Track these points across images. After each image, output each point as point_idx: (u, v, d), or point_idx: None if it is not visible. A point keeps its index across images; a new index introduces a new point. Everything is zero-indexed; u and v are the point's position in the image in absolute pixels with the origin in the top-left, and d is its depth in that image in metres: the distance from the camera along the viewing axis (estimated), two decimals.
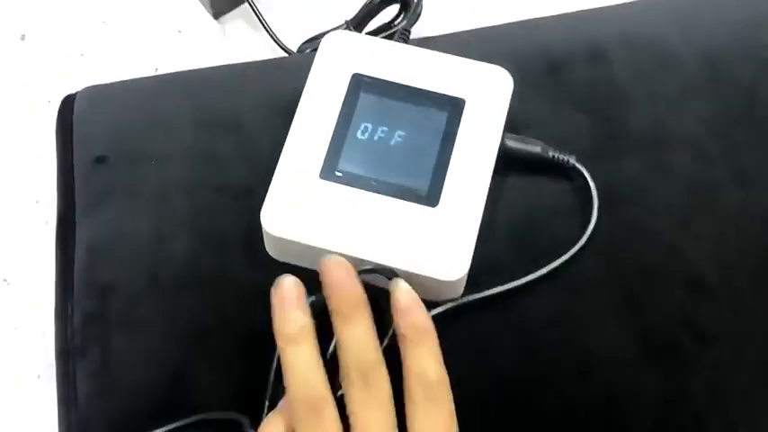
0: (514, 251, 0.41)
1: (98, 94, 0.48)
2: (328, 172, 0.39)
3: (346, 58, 0.42)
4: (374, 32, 0.56)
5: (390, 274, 0.36)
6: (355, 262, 0.37)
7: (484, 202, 0.39)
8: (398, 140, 0.40)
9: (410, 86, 0.41)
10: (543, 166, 0.42)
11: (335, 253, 0.37)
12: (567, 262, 0.40)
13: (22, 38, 0.59)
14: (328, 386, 0.32)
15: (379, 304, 0.34)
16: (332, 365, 0.32)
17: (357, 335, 0.32)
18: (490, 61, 0.46)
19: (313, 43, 0.56)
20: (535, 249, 0.41)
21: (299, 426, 0.31)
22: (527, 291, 0.39)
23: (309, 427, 0.31)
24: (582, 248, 0.40)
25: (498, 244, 0.41)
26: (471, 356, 0.38)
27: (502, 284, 0.39)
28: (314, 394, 0.31)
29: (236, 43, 0.59)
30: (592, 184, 0.41)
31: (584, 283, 0.40)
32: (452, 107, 0.40)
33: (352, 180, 0.39)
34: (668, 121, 0.45)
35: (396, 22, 0.56)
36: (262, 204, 0.39)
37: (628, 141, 0.44)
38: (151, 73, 0.58)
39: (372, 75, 0.41)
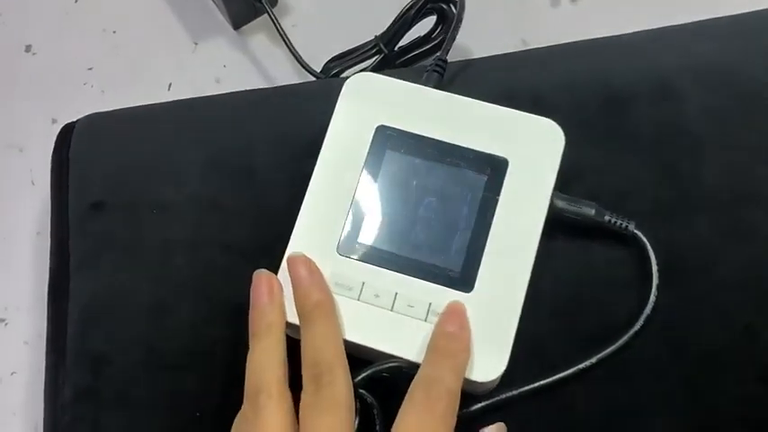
0: (559, 330, 0.37)
1: (99, 124, 0.45)
2: (347, 247, 0.35)
3: (371, 106, 0.37)
4: (409, 48, 0.51)
5: (415, 370, 0.32)
6: (375, 355, 0.33)
7: (526, 287, 0.34)
8: (429, 209, 0.35)
9: (444, 142, 0.36)
10: (597, 231, 0.37)
11: (354, 343, 0.33)
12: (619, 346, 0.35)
13: (28, 49, 0.56)
14: (279, 380, 0.31)
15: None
16: None
17: (313, 337, 0.32)
18: (540, 90, 0.41)
19: (339, 62, 0.51)
20: (583, 329, 0.36)
21: (244, 415, 0.31)
22: (572, 379, 0.35)
23: (248, 418, 0.31)
24: (638, 330, 0.35)
25: (541, 321, 0.36)
26: None
27: (544, 375, 0.35)
28: (258, 384, 0.31)
29: (257, 57, 0.54)
30: (652, 257, 0.36)
31: (637, 371, 0.36)
32: (493, 168, 0.35)
33: (373, 257, 0.34)
34: (748, 174, 0.39)
35: (434, 35, 0.51)
36: (276, 266, 0.35)
37: (699, 198, 0.38)
38: (164, 90, 0.54)
39: (400, 127, 0.36)
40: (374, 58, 0.50)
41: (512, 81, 0.43)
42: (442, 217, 0.35)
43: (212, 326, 0.37)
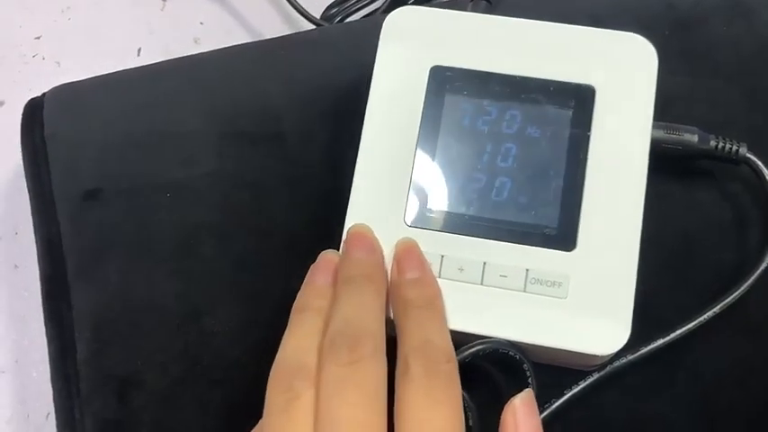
0: (669, 283, 0.34)
1: (73, 97, 0.40)
2: (417, 216, 0.32)
3: (419, 44, 0.34)
4: None
5: (513, 350, 0.30)
6: (465, 339, 0.30)
7: (639, 236, 0.31)
8: (507, 158, 0.32)
9: (514, 77, 0.33)
10: (698, 162, 0.35)
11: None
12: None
13: None
14: (314, 361, 0.27)
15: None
16: None
17: (357, 301, 0.29)
18: (598, 14, 0.38)
19: (342, 6, 0.47)
20: (696, 279, 0.34)
21: (267, 393, 0.27)
22: (691, 338, 0.33)
23: (274, 398, 0.27)
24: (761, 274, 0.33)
25: (648, 274, 0.34)
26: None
27: (661, 333, 0.32)
28: (292, 362, 0.28)
29: (239, 10, 0.51)
30: None
31: (764, 321, 0.34)
32: (578, 100, 0.33)
33: (450, 224, 0.32)
34: None
35: None
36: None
37: None
38: (132, 56, 0.50)
39: (459, 65, 0.33)
40: None
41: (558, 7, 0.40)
42: (526, 165, 0.32)
43: (259, 327, 0.34)
